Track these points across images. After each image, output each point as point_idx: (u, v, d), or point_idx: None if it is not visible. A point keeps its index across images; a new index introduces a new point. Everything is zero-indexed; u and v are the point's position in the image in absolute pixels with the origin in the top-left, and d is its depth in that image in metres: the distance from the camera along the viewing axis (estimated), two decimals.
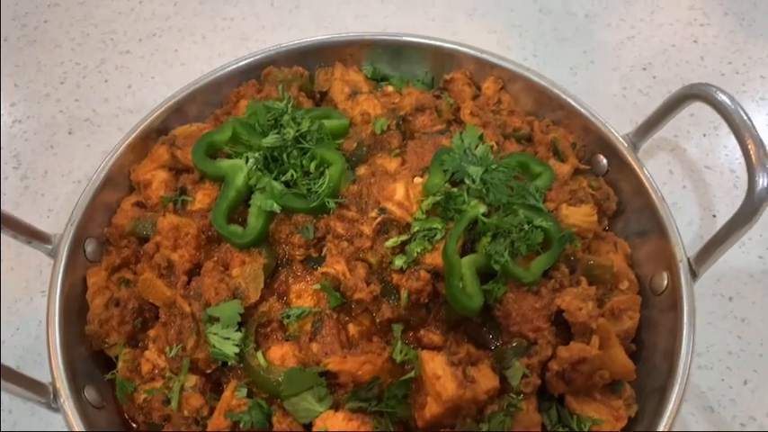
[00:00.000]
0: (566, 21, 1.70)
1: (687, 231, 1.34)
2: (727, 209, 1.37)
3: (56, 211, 1.42)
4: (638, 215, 1.11)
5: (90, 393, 0.95)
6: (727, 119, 0.98)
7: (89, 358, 1.01)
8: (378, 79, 1.28)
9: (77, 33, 1.73)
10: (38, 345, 1.23)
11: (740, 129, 0.96)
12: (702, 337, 1.21)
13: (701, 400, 1.15)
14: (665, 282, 1.03)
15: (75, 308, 1.02)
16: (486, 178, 1.01)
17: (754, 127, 0.96)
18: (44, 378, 0.96)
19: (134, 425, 0.98)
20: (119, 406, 0.99)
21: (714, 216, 1.36)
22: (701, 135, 1.47)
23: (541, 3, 1.73)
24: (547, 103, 1.22)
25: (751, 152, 0.94)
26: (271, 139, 1.05)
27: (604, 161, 1.17)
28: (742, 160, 0.95)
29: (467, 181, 1.01)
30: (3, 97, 1.61)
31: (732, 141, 0.98)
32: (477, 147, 1.05)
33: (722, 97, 0.99)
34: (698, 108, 1.47)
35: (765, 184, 0.92)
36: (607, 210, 1.13)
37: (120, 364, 0.98)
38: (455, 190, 1.00)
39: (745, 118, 0.97)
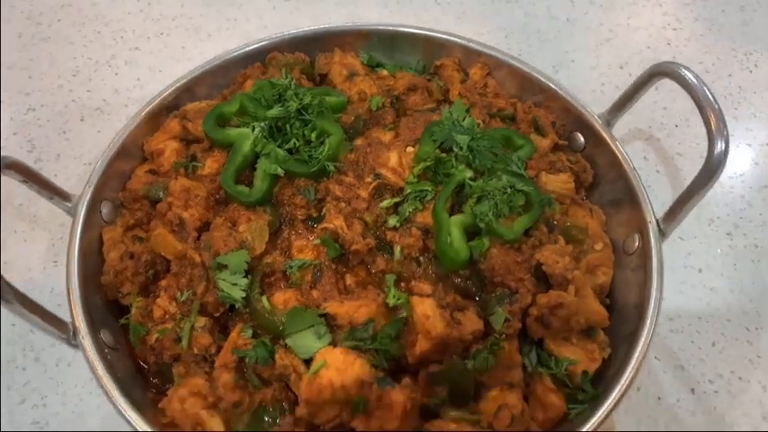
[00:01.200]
0: (549, 24, 1.82)
1: (659, 212, 1.44)
2: None
3: (68, 189, 1.50)
4: (611, 185, 1.21)
5: (105, 336, 1.03)
6: (692, 94, 1.08)
7: (104, 307, 1.08)
8: (373, 66, 1.38)
9: (89, 31, 1.83)
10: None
11: (702, 102, 1.06)
12: (674, 304, 1.30)
13: (672, 360, 1.24)
14: (637, 242, 1.13)
15: (91, 262, 1.10)
16: (472, 146, 1.11)
17: (715, 101, 1.07)
18: None
19: (145, 366, 1.06)
20: (131, 350, 1.07)
21: None
22: (673, 125, 1.58)
23: (526, 8, 1.86)
24: (529, 87, 1.32)
25: (711, 122, 1.05)
26: (275, 111, 1.14)
27: (581, 138, 1.27)
28: None
29: (455, 149, 1.11)
30: (17, 88, 1.70)
31: (702, 131, 1.07)
32: (464, 119, 1.15)
33: (687, 74, 1.09)
34: (671, 101, 1.60)
35: (722, 148, 1.02)
36: (584, 181, 1.23)
37: (133, 311, 1.05)
38: (444, 155, 1.10)
39: (708, 93, 1.07)
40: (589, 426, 0.92)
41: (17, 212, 1.47)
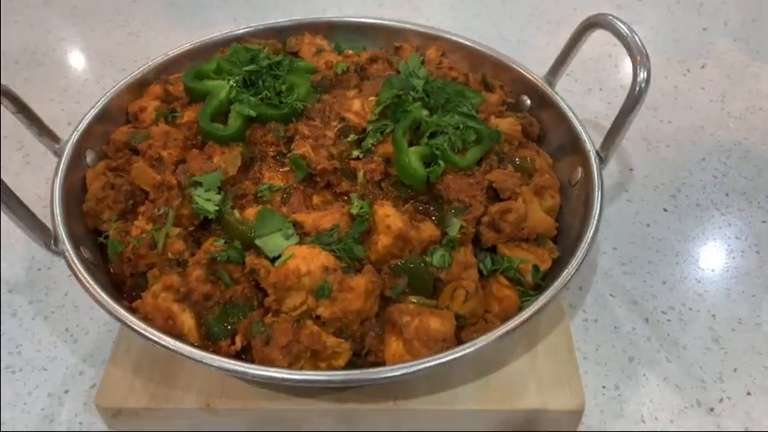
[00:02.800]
0: (501, 45, 1.95)
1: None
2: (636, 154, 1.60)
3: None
4: (555, 134, 1.32)
5: (85, 252, 1.08)
6: (622, 40, 1.19)
7: (84, 235, 1.14)
8: (339, 53, 1.53)
9: (81, 58, 1.99)
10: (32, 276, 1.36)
11: (631, 45, 1.17)
12: (626, 253, 1.38)
13: (626, 296, 1.30)
14: (579, 174, 1.23)
15: (74, 199, 1.17)
16: (426, 88, 1.23)
17: (643, 46, 1.19)
18: None
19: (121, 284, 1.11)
20: (108, 272, 1.12)
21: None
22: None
23: (481, 33, 2.05)
24: (479, 63, 1.47)
25: (637, 59, 1.18)
26: (249, 66, 1.27)
27: (527, 100, 1.40)
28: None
29: (411, 93, 1.23)
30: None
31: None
32: (419, 69, 1.28)
33: (619, 24, 1.21)
34: (614, 97, 1.75)
35: (644, 76, 1.15)
36: (531, 134, 1.34)
37: (111, 231, 1.11)
38: (402, 92, 1.21)
39: (636, 39, 1.18)
40: (536, 305, 0.98)
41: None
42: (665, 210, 1.48)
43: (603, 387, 1.16)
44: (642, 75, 1.16)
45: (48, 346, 1.24)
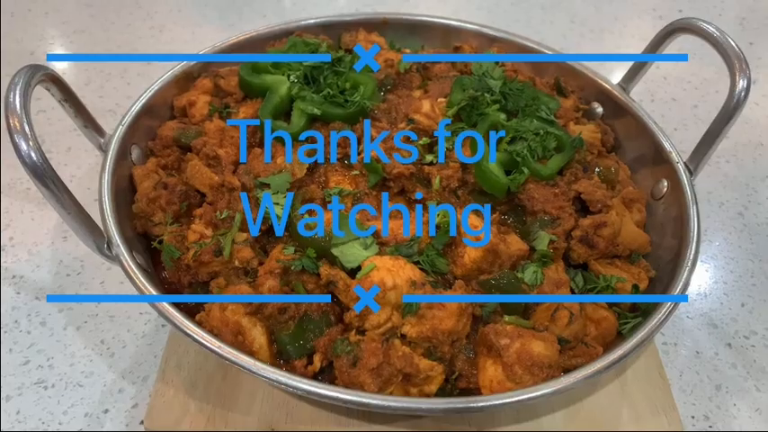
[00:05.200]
0: None
1: None
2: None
3: (78, 176, 1.47)
4: (633, 144, 1.25)
5: (138, 258, 0.97)
6: (717, 46, 1.12)
7: (134, 238, 1.03)
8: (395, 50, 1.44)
9: (102, 50, 1.88)
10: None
11: (726, 50, 1.10)
12: (699, 274, 1.31)
13: (705, 319, 1.22)
14: (665, 187, 1.15)
15: (122, 198, 1.06)
16: (504, 90, 1.14)
17: (740, 50, 1.11)
18: None
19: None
20: (162, 279, 1.01)
21: None
22: (672, 129, 1.66)
23: None
24: (544, 68, 1.39)
25: (735, 66, 1.10)
26: (310, 61, 1.17)
27: (600, 108, 1.32)
28: None
29: (487, 95, 1.14)
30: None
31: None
32: (494, 70, 1.19)
33: (709, 27, 1.13)
34: (667, 110, 1.68)
35: (743, 85, 1.08)
36: (606, 143, 1.26)
37: (166, 236, 1.01)
38: (479, 93, 1.12)
39: (731, 41, 1.11)
40: (649, 326, 0.89)
41: (24, 195, 1.43)
42: (734, 228, 1.41)
43: (692, 417, 1.07)
44: (742, 83, 1.08)
45: (82, 359, 1.12)
